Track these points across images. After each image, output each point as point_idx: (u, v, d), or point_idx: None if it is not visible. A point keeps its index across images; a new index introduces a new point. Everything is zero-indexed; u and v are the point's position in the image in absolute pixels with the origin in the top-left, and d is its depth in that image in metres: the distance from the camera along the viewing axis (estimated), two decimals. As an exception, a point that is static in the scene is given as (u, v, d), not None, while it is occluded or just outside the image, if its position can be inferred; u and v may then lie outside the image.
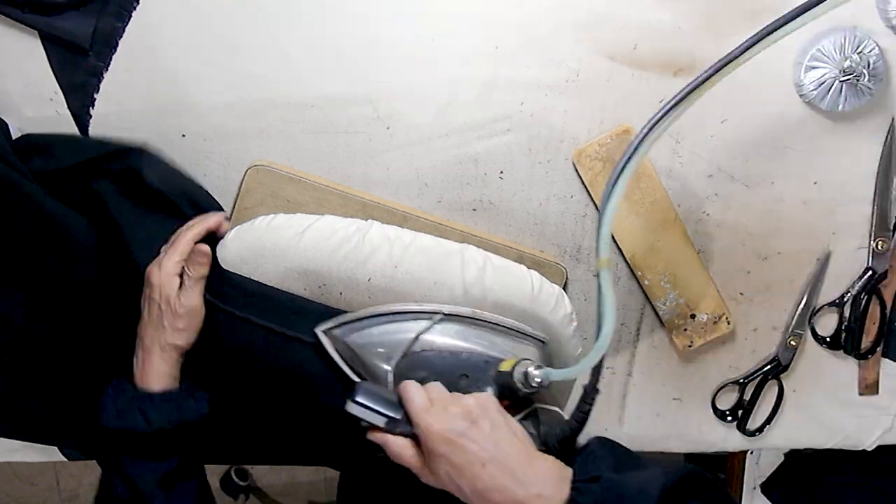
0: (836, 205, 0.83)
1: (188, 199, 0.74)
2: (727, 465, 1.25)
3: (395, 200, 0.80)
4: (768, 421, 0.91)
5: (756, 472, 1.20)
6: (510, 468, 0.56)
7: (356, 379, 0.68)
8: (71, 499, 1.76)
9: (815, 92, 0.78)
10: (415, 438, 0.60)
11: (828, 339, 0.88)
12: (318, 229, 0.73)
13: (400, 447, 0.60)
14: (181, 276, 0.67)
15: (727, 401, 0.91)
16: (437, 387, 0.62)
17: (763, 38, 0.53)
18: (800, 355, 0.89)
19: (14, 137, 0.73)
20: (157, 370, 0.65)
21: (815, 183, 0.82)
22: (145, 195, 0.71)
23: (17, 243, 0.67)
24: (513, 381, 0.62)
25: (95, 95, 0.74)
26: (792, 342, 0.87)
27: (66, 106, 0.74)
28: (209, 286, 0.68)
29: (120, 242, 0.69)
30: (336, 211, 0.77)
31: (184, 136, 0.76)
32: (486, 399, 0.60)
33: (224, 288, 0.70)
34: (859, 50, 0.76)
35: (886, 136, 0.81)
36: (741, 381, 0.89)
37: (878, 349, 0.88)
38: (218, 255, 0.73)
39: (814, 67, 0.77)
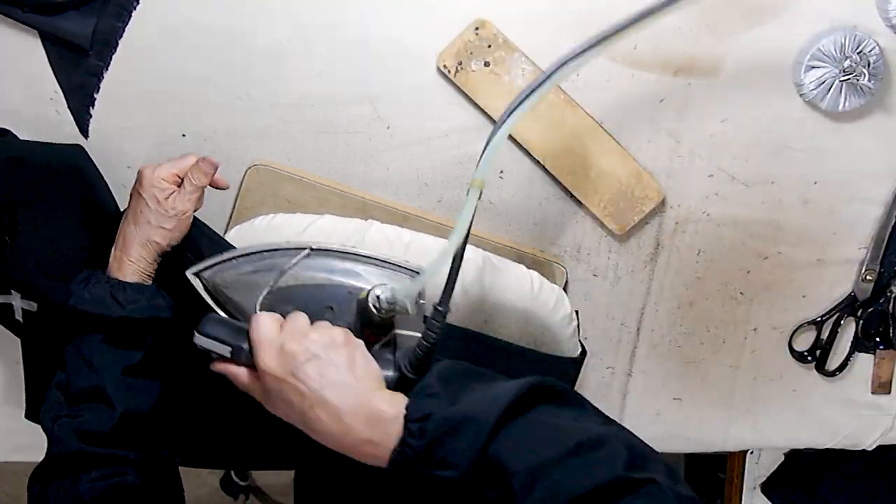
0: (837, 205, 0.83)
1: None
2: (727, 465, 1.25)
3: (395, 200, 0.80)
4: (846, 361, 0.89)
5: (756, 472, 1.20)
6: (339, 413, 0.54)
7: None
8: (71, 499, 1.76)
9: (815, 92, 0.78)
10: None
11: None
12: (317, 228, 0.73)
13: (242, 377, 0.60)
14: (178, 184, 0.67)
15: (804, 342, 0.89)
16: (297, 318, 0.60)
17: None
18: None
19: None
20: (134, 264, 0.65)
21: (815, 183, 0.82)
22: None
23: None
24: (367, 306, 0.62)
25: (95, 95, 0.74)
26: (868, 276, 0.85)
27: (66, 106, 0.74)
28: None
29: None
30: (336, 211, 0.77)
31: (184, 135, 0.76)
32: (335, 333, 0.58)
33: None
34: (859, 50, 0.76)
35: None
36: (818, 319, 0.88)
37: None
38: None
39: (814, 67, 0.77)
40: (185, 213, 0.66)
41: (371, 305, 0.62)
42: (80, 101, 0.74)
